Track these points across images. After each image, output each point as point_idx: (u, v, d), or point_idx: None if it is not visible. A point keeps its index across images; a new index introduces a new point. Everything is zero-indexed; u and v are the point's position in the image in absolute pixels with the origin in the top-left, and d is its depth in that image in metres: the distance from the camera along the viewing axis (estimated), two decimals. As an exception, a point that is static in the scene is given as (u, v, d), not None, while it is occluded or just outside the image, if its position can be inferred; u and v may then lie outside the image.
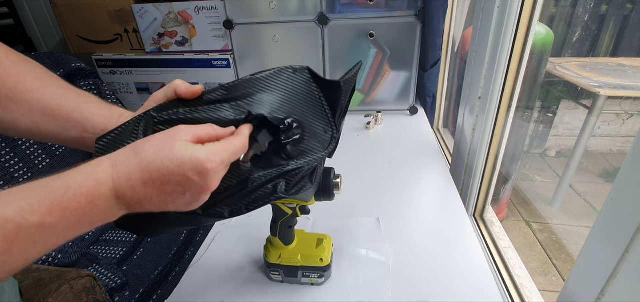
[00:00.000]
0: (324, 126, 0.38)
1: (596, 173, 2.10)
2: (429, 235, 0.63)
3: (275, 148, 0.36)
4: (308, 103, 0.37)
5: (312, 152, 0.36)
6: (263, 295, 0.53)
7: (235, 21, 1.05)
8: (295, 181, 0.36)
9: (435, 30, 0.97)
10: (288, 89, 0.36)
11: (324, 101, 0.38)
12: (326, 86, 0.38)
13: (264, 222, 0.51)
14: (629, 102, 2.04)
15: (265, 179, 0.35)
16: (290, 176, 0.35)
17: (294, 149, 0.36)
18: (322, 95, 0.38)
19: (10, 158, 0.84)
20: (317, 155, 0.37)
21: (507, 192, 1.66)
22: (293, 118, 0.36)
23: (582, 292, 0.42)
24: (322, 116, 0.38)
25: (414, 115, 1.13)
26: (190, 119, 0.34)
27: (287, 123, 0.35)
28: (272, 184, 0.35)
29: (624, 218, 0.35)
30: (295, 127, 0.35)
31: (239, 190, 0.34)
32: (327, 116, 0.38)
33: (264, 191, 0.35)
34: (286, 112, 0.36)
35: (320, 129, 0.37)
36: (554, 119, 2.19)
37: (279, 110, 0.35)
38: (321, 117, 0.38)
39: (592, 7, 1.97)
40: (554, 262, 1.58)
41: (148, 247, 0.93)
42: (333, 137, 0.38)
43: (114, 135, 0.32)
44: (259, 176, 0.34)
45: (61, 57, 1.00)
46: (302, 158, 0.36)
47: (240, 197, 0.34)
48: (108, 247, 0.94)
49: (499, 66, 0.71)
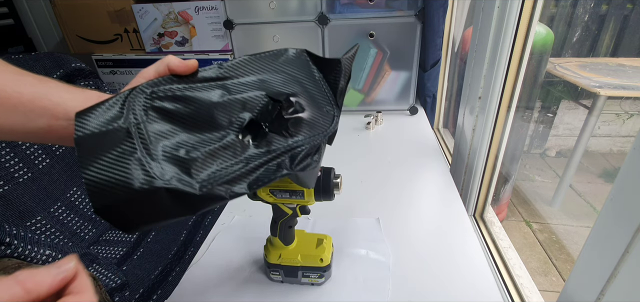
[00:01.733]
0: (325, 106, 0.37)
1: (596, 173, 2.10)
2: (429, 235, 0.63)
3: (277, 125, 0.34)
4: (308, 83, 0.37)
5: (315, 128, 0.35)
6: (263, 295, 0.53)
7: (235, 21, 1.06)
8: (299, 157, 0.34)
9: (435, 30, 0.97)
10: (287, 70, 0.36)
11: (323, 82, 0.38)
12: (326, 65, 0.38)
13: (264, 222, 0.52)
14: (629, 102, 2.04)
15: (269, 156, 0.32)
16: (294, 153, 0.34)
17: (296, 126, 0.34)
18: (322, 76, 0.38)
19: (10, 158, 0.84)
20: (319, 131, 0.35)
21: (507, 192, 1.66)
22: (294, 94, 0.35)
23: (582, 292, 0.42)
24: (323, 96, 0.37)
25: (414, 115, 1.13)
26: (186, 96, 0.32)
27: (290, 99, 0.34)
28: (275, 162, 0.33)
29: (624, 218, 0.35)
30: (296, 102, 0.35)
31: (240, 168, 0.31)
32: (327, 96, 0.38)
33: (267, 168, 0.32)
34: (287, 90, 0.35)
35: (322, 107, 0.37)
36: (554, 119, 2.20)
37: (281, 88, 0.35)
38: (322, 96, 0.37)
39: (592, 7, 1.97)
40: (554, 262, 1.58)
41: (148, 247, 0.93)
42: (335, 116, 0.37)
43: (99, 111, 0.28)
44: (261, 153, 0.32)
45: (61, 57, 1.00)
46: (304, 133, 0.35)
47: (242, 176, 0.31)
48: (108, 247, 0.94)
49: (499, 66, 0.71)
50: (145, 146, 0.28)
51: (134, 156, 0.27)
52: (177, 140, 0.30)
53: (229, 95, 0.33)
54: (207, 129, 0.31)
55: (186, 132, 0.30)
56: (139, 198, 0.27)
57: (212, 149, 0.30)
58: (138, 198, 0.27)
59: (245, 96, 0.33)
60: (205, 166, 0.29)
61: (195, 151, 0.30)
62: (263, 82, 0.35)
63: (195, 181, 0.28)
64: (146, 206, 0.28)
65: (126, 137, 0.28)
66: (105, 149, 0.27)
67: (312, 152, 0.35)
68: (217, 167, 0.30)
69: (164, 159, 0.28)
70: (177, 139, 0.30)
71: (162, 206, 0.28)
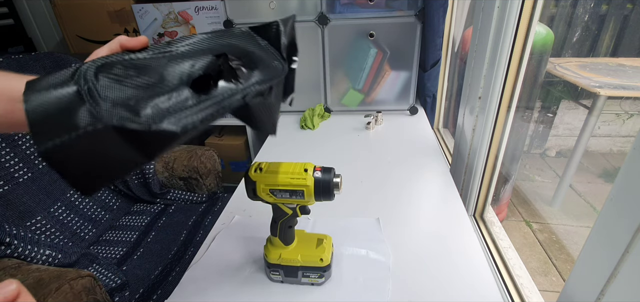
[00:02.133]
0: (273, 61, 0.40)
1: (596, 173, 2.10)
2: (429, 235, 0.63)
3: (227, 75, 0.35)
4: (255, 49, 0.40)
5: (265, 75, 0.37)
6: (263, 295, 0.53)
7: (235, 21, 1.05)
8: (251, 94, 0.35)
9: (435, 30, 0.97)
10: (233, 42, 0.39)
11: (268, 46, 0.41)
12: (266, 30, 0.42)
13: (264, 222, 0.52)
14: (629, 102, 2.04)
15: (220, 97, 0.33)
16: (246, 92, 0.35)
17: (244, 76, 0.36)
18: (267, 43, 0.41)
19: (10, 158, 0.84)
20: (271, 75, 0.38)
21: (507, 192, 1.66)
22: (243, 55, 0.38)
23: (582, 292, 0.42)
24: (270, 55, 0.40)
25: (414, 115, 1.13)
26: (136, 62, 0.33)
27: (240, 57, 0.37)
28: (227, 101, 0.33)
29: (624, 218, 0.35)
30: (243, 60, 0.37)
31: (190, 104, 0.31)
32: (273, 55, 0.41)
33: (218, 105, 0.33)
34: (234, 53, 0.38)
35: (271, 64, 0.39)
36: (554, 119, 2.20)
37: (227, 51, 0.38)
38: (269, 56, 0.40)
39: (592, 7, 1.97)
40: (554, 262, 1.58)
41: (148, 247, 0.93)
42: (283, 66, 0.40)
43: (49, 78, 0.29)
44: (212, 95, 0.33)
45: (61, 57, 1.00)
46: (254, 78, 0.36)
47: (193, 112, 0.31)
48: (108, 247, 0.94)
49: (499, 66, 0.71)
50: (93, 99, 0.28)
51: (83, 107, 0.27)
52: (127, 95, 0.29)
53: (178, 60, 0.34)
54: (158, 87, 0.31)
55: (136, 90, 0.30)
56: (87, 141, 0.27)
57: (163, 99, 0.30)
58: (86, 140, 0.27)
59: (194, 58, 0.34)
60: (155, 106, 0.29)
61: (144, 101, 0.29)
62: (211, 51, 0.36)
63: (142, 117, 0.28)
64: (97, 150, 0.28)
65: (75, 94, 0.28)
66: (53, 101, 0.27)
67: (264, 92, 0.36)
68: (167, 105, 0.29)
69: (112, 106, 0.28)
70: (127, 94, 0.29)
71: (113, 149, 0.28)
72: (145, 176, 1.11)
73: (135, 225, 1.02)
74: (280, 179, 0.44)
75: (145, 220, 1.03)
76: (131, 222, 1.04)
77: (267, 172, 0.45)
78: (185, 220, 1.02)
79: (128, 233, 0.99)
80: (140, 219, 1.04)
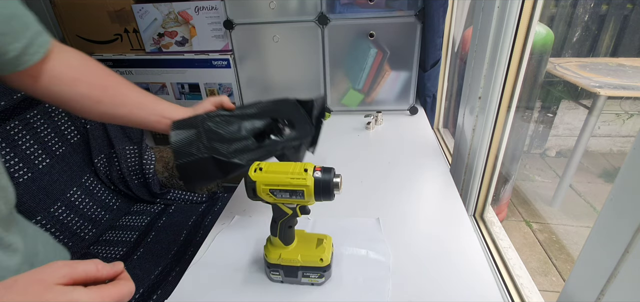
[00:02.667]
0: (306, 124, 0.68)
1: (596, 173, 2.10)
2: (429, 235, 0.63)
3: (276, 131, 0.63)
4: (297, 114, 0.69)
5: (300, 133, 0.65)
6: (263, 295, 0.53)
7: (235, 21, 1.05)
8: (288, 146, 0.62)
9: (435, 30, 0.97)
10: (283, 109, 0.68)
11: (305, 113, 0.70)
12: (306, 104, 0.71)
13: (264, 222, 0.52)
14: (629, 102, 2.04)
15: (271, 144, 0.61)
16: (286, 144, 0.62)
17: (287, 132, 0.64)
18: (305, 112, 0.70)
19: (10, 158, 0.84)
20: (303, 134, 0.66)
21: (507, 192, 1.66)
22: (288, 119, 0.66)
23: (582, 292, 0.42)
24: (305, 120, 0.69)
25: (414, 115, 1.13)
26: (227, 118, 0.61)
27: (285, 121, 0.65)
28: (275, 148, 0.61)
29: (624, 218, 0.35)
30: (287, 123, 0.65)
31: (252, 147, 0.59)
32: (307, 119, 0.70)
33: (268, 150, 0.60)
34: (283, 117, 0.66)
35: (305, 125, 0.68)
36: (554, 119, 2.20)
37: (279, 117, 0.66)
38: (304, 120, 0.68)
39: (592, 7, 1.97)
40: (554, 262, 1.59)
41: (148, 247, 0.93)
42: (311, 128, 0.69)
43: (184, 120, 0.57)
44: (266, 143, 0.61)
45: (61, 57, 1.00)
46: (293, 135, 0.64)
47: (253, 153, 0.58)
48: (108, 247, 0.95)
49: (499, 66, 0.71)
50: (202, 139, 0.56)
51: (200, 141, 0.55)
52: (219, 138, 0.57)
53: (248, 118, 0.62)
54: (236, 135, 0.60)
55: (224, 135, 0.58)
56: (198, 162, 0.54)
57: (238, 143, 0.59)
58: (198, 162, 0.54)
59: (259, 118, 0.63)
60: (233, 147, 0.57)
61: (228, 143, 0.58)
62: (270, 112, 0.65)
63: (225, 154, 0.55)
64: (201, 167, 0.54)
65: (195, 133, 0.56)
66: (185, 137, 0.55)
67: (296, 146, 0.63)
68: (239, 147, 0.58)
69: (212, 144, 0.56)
70: (219, 137, 0.57)
71: (209, 168, 0.55)
72: (145, 176, 1.11)
73: (135, 225, 1.02)
74: (280, 179, 0.44)
75: (145, 220, 1.03)
76: (131, 222, 1.04)
77: (267, 172, 0.45)
78: (185, 220, 1.02)
79: (128, 233, 0.99)
80: (140, 219, 1.04)
